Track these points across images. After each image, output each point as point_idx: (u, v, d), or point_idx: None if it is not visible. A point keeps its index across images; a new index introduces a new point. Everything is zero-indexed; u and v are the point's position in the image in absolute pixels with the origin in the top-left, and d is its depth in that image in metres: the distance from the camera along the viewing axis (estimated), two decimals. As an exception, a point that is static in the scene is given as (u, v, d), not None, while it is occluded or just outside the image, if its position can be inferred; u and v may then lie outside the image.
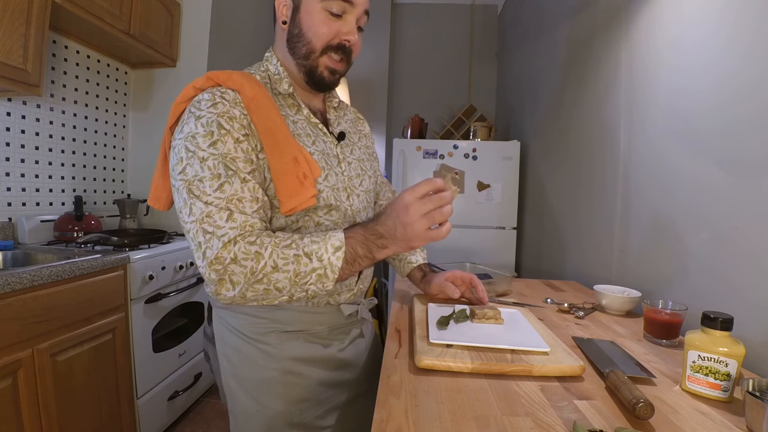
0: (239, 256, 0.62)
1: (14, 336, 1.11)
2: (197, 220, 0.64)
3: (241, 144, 0.67)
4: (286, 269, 0.63)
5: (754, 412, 0.52)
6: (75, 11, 1.56)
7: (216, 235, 0.63)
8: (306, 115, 0.80)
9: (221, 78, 0.71)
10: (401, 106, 3.57)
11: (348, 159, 0.85)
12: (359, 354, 0.87)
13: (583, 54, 1.73)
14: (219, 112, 0.67)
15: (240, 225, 0.64)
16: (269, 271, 0.63)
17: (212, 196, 0.64)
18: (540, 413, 0.55)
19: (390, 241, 0.67)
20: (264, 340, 0.77)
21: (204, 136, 0.65)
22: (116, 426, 1.48)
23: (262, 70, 0.81)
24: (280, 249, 0.64)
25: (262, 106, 0.70)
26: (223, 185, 0.64)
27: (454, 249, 2.48)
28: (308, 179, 0.70)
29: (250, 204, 0.66)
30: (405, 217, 0.64)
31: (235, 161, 0.66)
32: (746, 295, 0.84)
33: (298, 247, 0.65)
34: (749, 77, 0.86)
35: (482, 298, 0.98)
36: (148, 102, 2.28)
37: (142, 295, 1.59)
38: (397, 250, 0.68)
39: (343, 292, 0.82)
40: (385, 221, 0.67)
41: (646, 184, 1.24)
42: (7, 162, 1.64)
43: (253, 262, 0.62)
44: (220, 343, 0.82)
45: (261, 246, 0.63)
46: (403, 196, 0.66)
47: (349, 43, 0.76)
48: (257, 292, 0.64)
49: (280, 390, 0.77)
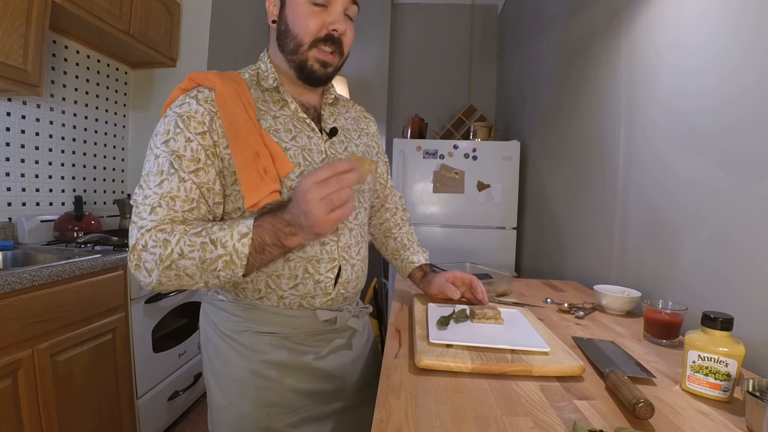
0: (149, 244, 0.64)
1: (14, 336, 1.11)
2: (133, 211, 0.68)
3: (191, 143, 0.68)
4: (192, 256, 0.64)
5: (754, 412, 0.52)
6: (75, 11, 1.56)
7: (137, 226, 0.66)
8: (293, 110, 0.79)
9: (200, 78, 0.74)
10: (401, 106, 3.57)
11: (339, 155, 0.83)
12: (343, 365, 0.84)
13: (583, 54, 1.73)
14: (180, 112, 0.69)
15: (160, 219, 0.66)
16: (176, 257, 0.64)
17: (151, 191, 0.67)
18: (540, 413, 0.55)
19: (297, 228, 0.66)
20: (238, 339, 0.78)
21: (162, 135, 0.69)
22: (116, 426, 1.48)
23: (252, 69, 0.82)
24: (188, 236, 0.65)
25: (229, 102, 0.72)
26: (162, 182, 0.67)
27: (454, 249, 2.48)
28: (269, 174, 0.70)
29: (182, 203, 0.67)
30: (304, 204, 0.62)
31: (180, 159, 0.67)
32: (746, 295, 0.84)
33: (206, 234, 0.65)
34: (749, 77, 0.85)
35: (482, 300, 0.97)
36: (148, 102, 2.28)
37: (142, 295, 1.59)
38: (306, 237, 0.67)
39: (317, 295, 0.78)
40: (291, 209, 0.66)
41: (646, 184, 1.24)
42: (7, 162, 1.64)
43: (161, 249, 0.64)
44: (203, 336, 0.85)
45: (170, 233, 0.65)
46: (302, 182, 0.64)
47: (337, 33, 0.75)
48: (170, 278, 0.65)
49: (249, 391, 0.77)
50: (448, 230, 2.53)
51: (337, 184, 0.62)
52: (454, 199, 2.51)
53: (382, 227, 1.10)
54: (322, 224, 0.63)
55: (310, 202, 0.62)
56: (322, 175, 0.63)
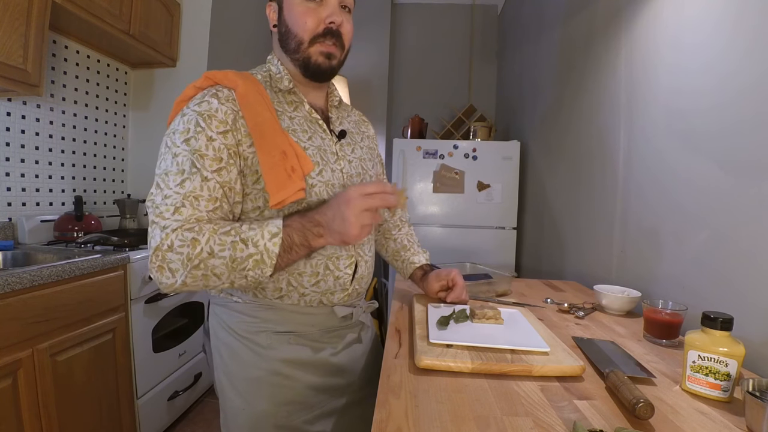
0: (176, 243, 0.63)
1: (14, 336, 1.11)
2: (153, 212, 0.66)
3: (213, 142, 0.68)
4: (222, 255, 0.64)
5: (754, 412, 0.52)
6: (75, 11, 1.56)
7: (159, 226, 0.65)
8: (307, 110, 0.81)
9: (218, 77, 0.74)
10: (401, 106, 3.57)
11: (348, 157, 0.85)
12: (355, 360, 0.86)
13: (583, 54, 1.73)
14: (201, 110, 0.69)
15: (185, 219, 0.65)
16: (206, 257, 0.63)
17: (172, 191, 0.66)
18: (540, 413, 0.55)
19: (326, 230, 0.68)
20: (254, 340, 0.78)
21: (182, 133, 0.68)
22: (116, 426, 1.48)
23: (264, 71, 0.83)
24: (217, 235, 0.64)
25: (253, 102, 0.72)
26: (184, 182, 0.66)
27: (454, 249, 2.48)
28: (296, 172, 0.72)
29: (206, 203, 0.67)
30: (346, 209, 0.65)
31: (202, 159, 0.67)
32: (746, 295, 0.84)
33: (236, 233, 0.65)
34: (749, 77, 0.86)
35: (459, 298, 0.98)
36: (148, 102, 2.28)
37: (142, 295, 1.59)
38: (330, 241, 0.69)
39: (336, 291, 0.81)
40: (326, 211, 0.68)
41: (646, 183, 1.24)
42: (7, 162, 1.64)
43: (189, 248, 0.63)
44: (214, 338, 0.83)
45: (199, 233, 0.64)
46: (349, 190, 0.67)
47: (334, 25, 0.77)
48: (196, 278, 0.64)
49: (267, 390, 0.77)
50: (448, 230, 2.53)
51: (381, 202, 0.66)
52: (454, 199, 2.51)
53: (381, 228, 1.10)
54: (355, 233, 0.66)
55: (353, 210, 0.65)
56: (371, 189, 0.66)
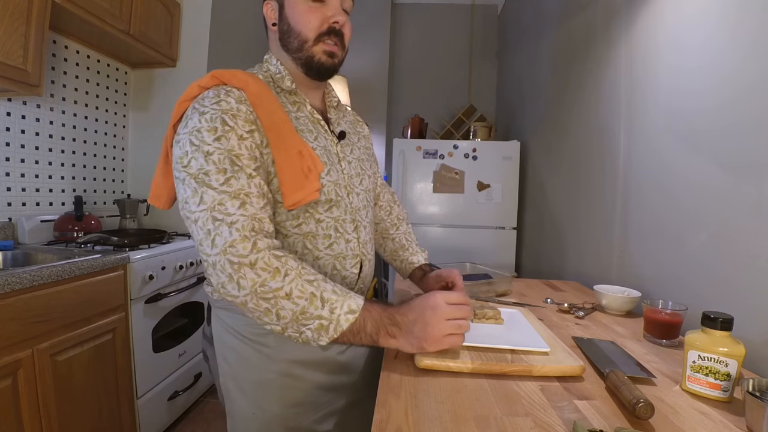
0: (259, 264, 0.61)
1: (14, 336, 1.11)
2: (208, 208, 0.62)
3: (244, 141, 0.67)
4: (297, 302, 0.61)
5: (754, 412, 0.52)
6: (75, 11, 1.56)
7: (225, 222, 0.62)
8: (309, 111, 0.81)
9: (225, 76, 0.72)
10: (401, 106, 3.57)
11: (348, 158, 0.85)
12: (358, 357, 0.86)
13: (583, 54, 1.73)
14: (223, 108, 0.67)
15: (251, 215, 0.63)
16: (282, 296, 0.61)
17: (217, 190, 0.63)
18: (540, 413, 0.55)
19: (402, 333, 0.65)
20: (262, 342, 0.76)
21: (208, 131, 0.65)
22: (116, 426, 1.48)
23: (263, 70, 0.82)
24: (302, 279, 0.62)
25: (267, 102, 0.72)
26: (229, 180, 0.64)
27: (454, 249, 2.48)
28: (312, 173, 0.72)
29: (257, 200, 0.66)
30: (431, 316, 0.64)
31: (239, 158, 0.66)
32: (746, 295, 0.84)
33: (318, 287, 0.63)
34: (749, 77, 0.86)
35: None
36: (148, 102, 2.28)
37: (142, 295, 1.59)
38: (403, 345, 0.66)
39: None
40: (407, 313, 0.66)
41: (646, 183, 1.24)
42: (7, 162, 1.64)
43: (269, 276, 0.61)
44: (218, 343, 0.81)
45: (284, 266, 0.62)
46: (435, 296, 0.66)
47: (338, 25, 0.77)
48: (258, 308, 0.62)
49: (277, 393, 0.76)
50: (448, 230, 2.53)
51: (462, 313, 0.66)
52: (454, 199, 2.51)
53: (379, 228, 1.10)
54: (435, 342, 0.64)
55: (439, 318, 0.64)
56: (456, 299, 0.66)
